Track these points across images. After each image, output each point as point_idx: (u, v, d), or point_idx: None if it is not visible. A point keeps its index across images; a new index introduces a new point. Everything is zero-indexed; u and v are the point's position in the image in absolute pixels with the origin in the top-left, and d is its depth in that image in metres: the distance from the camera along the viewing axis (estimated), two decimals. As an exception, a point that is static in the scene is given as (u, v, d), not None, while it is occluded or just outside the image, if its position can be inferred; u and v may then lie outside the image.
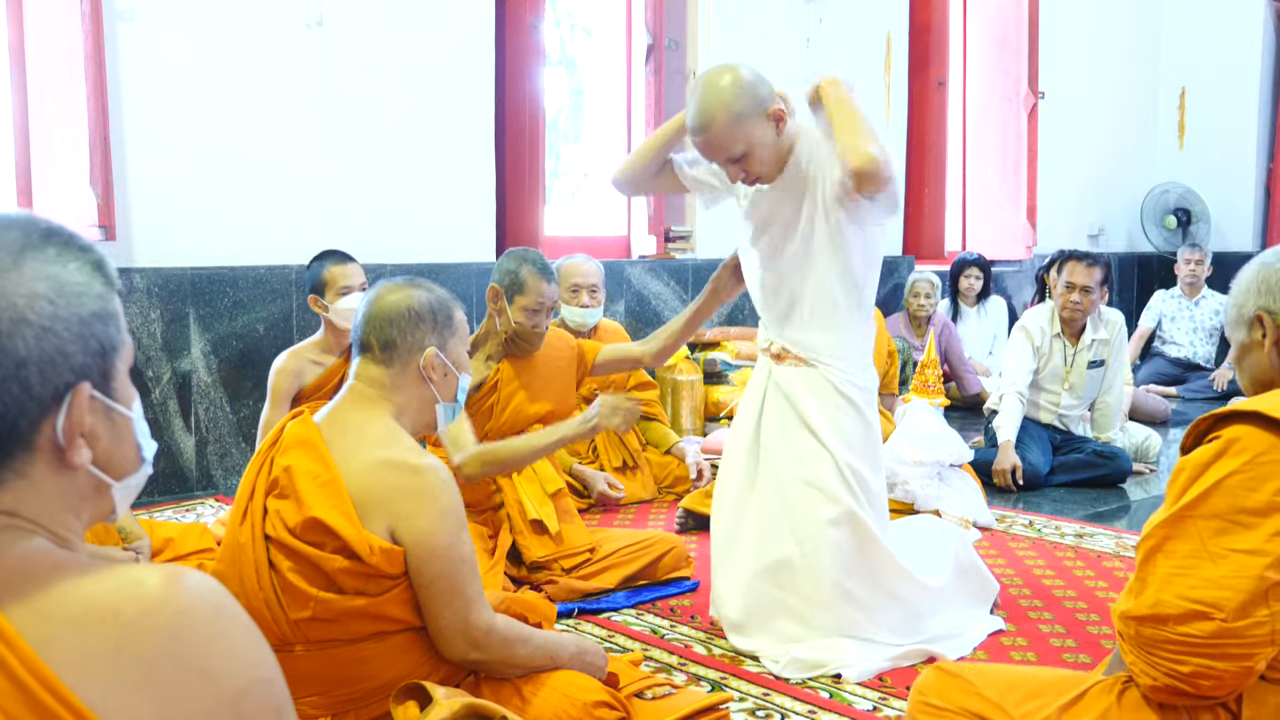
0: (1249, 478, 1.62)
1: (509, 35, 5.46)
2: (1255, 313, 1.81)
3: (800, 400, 2.84)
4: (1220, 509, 1.63)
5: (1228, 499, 1.63)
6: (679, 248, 6.27)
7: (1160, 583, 1.65)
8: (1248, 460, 1.63)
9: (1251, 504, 1.62)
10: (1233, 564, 1.60)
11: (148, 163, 4.44)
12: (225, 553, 2.06)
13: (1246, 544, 1.60)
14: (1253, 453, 1.63)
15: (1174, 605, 1.62)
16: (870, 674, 2.69)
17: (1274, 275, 1.79)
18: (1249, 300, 1.83)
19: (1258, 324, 1.81)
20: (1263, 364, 1.83)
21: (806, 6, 6.65)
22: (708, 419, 5.63)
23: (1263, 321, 1.80)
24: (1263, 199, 8.71)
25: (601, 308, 4.57)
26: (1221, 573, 1.60)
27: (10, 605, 0.86)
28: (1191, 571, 1.63)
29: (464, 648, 2.00)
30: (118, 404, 0.99)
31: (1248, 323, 1.83)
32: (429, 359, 2.07)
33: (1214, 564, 1.62)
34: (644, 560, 3.32)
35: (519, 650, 2.06)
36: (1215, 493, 1.64)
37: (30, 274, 0.92)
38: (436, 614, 1.97)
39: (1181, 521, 1.66)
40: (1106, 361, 4.94)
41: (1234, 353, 1.90)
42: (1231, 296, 1.88)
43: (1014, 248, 7.94)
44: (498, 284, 3.38)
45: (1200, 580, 1.61)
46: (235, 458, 4.65)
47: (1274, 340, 1.80)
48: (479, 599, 2.00)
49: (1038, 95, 7.82)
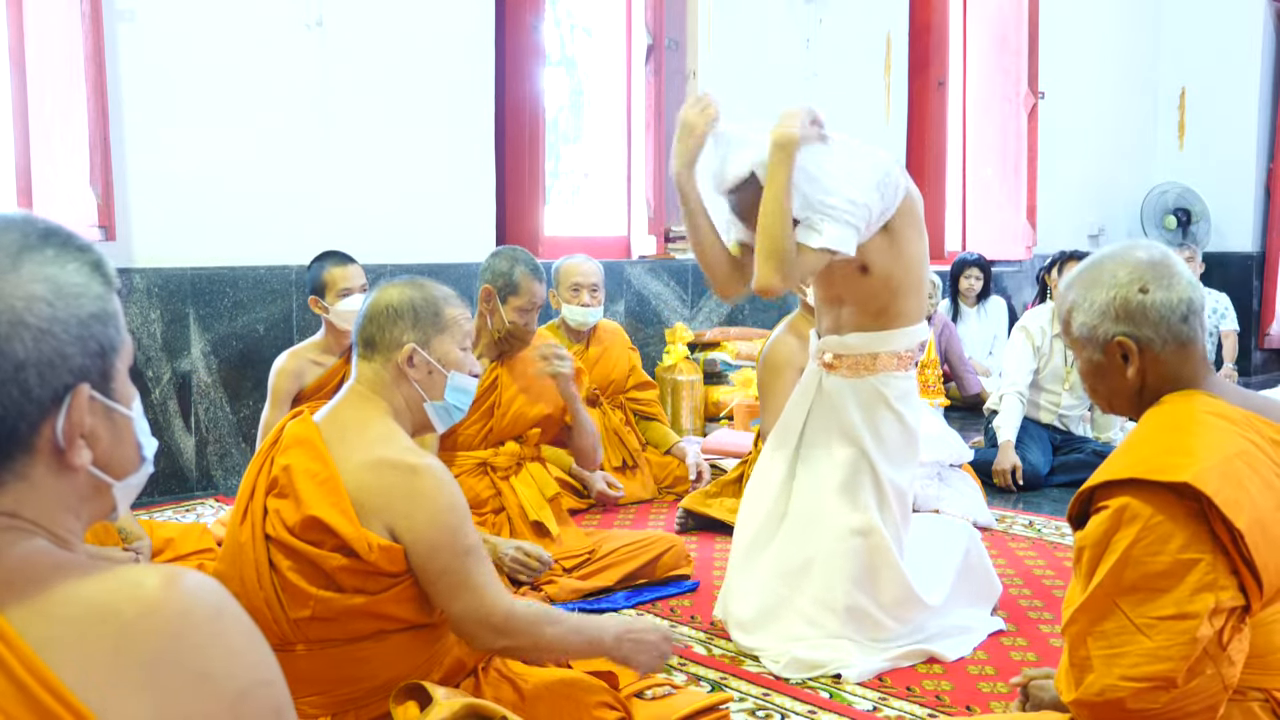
0: (1148, 544, 1.61)
1: (509, 35, 5.46)
2: (1115, 338, 1.78)
3: (847, 410, 2.86)
4: (1133, 580, 1.62)
5: (1137, 570, 1.62)
6: (679, 248, 6.27)
7: (1102, 667, 1.64)
8: (1141, 527, 1.62)
9: (1159, 568, 1.61)
10: (1164, 633, 1.60)
11: (148, 163, 4.44)
12: (226, 552, 2.06)
13: (1169, 609, 1.60)
14: (1144, 519, 1.62)
15: (1124, 688, 1.61)
16: (870, 674, 2.70)
17: (1134, 299, 1.77)
18: (1104, 323, 1.80)
19: (1117, 349, 1.79)
20: (1122, 390, 1.83)
21: (806, 6, 6.65)
22: (708, 419, 5.63)
23: (1125, 348, 1.78)
24: (1263, 199, 8.71)
25: (601, 307, 4.57)
26: (1157, 644, 1.60)
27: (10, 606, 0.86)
28: (1127, 649, 1.62)
29: (488, 636, 1.98)
30: (118, 404, 0.99)
31: (1102, 345, 1.81)
32: (405, 355, 2.05)
33: (1147, 637, 1.61)
34: (643, 559, 3.32)
35: (548, 631, 2.01)
36: (1123, 567, 1.63)
37: (28, 276, 0.91)
38: (449, 607, 1.97)
39: (1101, 602, 1.65)
40: (1106, 361, 4.93)
41: (1081, 366, 1.88)
42: (1070, 304, 1.85)
43: (1014, 248, 7.94)
44: (490, 284, 3.39)
45: (1139, 657, 1.61)
46: (235, 458, 4.65)
47: (1139, 367, 1.79)
48: (491, 586, 1.98)
49: (1038, 95, 7.82)
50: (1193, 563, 1.59)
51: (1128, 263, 1.79)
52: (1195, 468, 1.61)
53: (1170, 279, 1.77)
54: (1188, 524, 1.60)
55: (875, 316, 2.84)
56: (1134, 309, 1.77)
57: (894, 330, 2.85)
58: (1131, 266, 1.78)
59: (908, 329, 2.85)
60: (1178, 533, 1.60)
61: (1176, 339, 1.76)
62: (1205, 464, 1.61)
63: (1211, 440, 1.66)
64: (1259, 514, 1.61)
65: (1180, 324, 1.76)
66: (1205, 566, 1.59)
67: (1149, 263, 1.78)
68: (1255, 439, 1.70)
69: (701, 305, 6.27)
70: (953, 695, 2.60)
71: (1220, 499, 1.59)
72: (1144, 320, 1.76)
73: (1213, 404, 1.74)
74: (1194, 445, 1.65)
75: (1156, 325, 1.76)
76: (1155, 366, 1.78)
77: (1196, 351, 1.79)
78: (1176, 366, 1.78)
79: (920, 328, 2.92)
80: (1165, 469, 1.62)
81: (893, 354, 2.85)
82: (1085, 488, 1.72)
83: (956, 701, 2.56)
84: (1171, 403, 1.77)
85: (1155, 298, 1.76)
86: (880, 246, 2.76)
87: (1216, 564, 1.59)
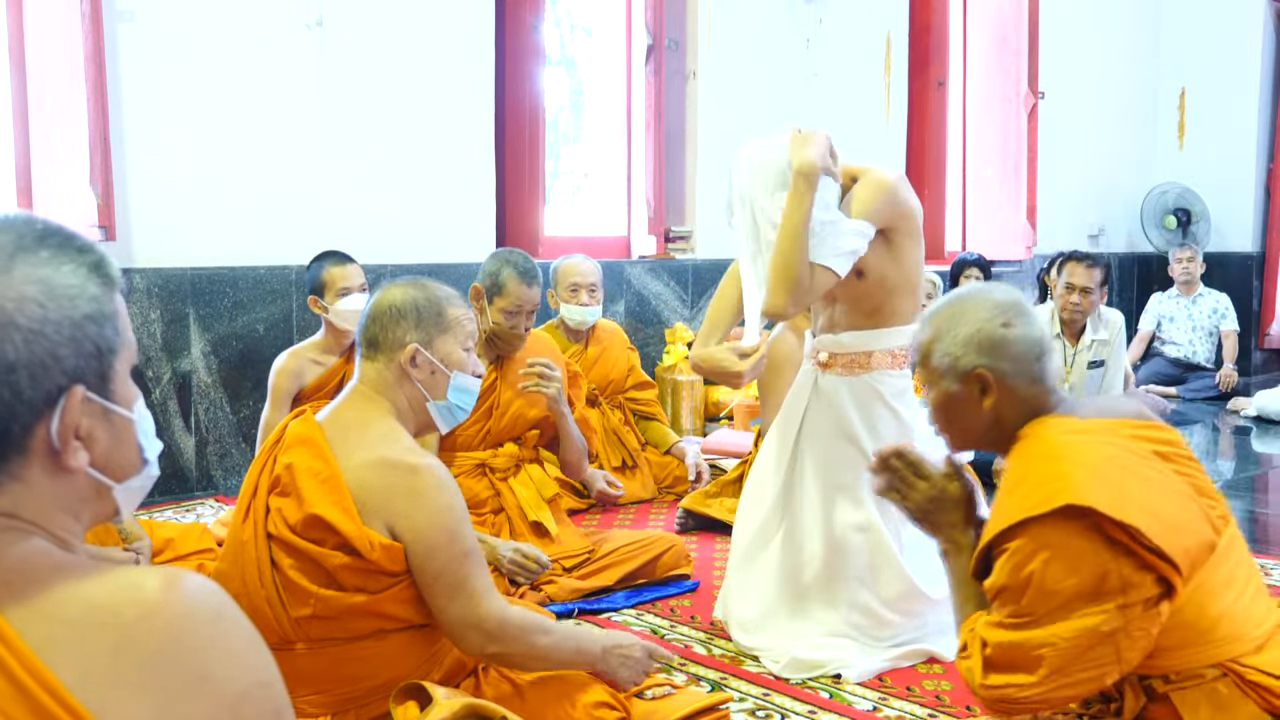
0: (1056, 572, 1.70)
1: (509, 35, 5.46)
2: (976, 369, 1.88)
3: (843, 408, 2.87)
4: (1054, 606, 1.71)
5: (1053, 598, 1.71)
6: (679, 248, 6.27)
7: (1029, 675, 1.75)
8: (1044, 560, 1.71)
9: (1073, 590, 1.70)
10: (1085, 638, 1.70)
11: (148, 163, 4.44)
12: (228, 551, 2.07)
13: (1091, 621, 1.69)
14: (1045, 552, 1.71)
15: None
16: (870, 674, 2.70)
17: (997, 332, 1.87)
18: (966, 354, 1.89)
19: (975, 381, 1.88)
20: (974, 423, 1.93)
21: (806, 6, 6.65)
22: (708, 419, 5.63)
23: (984, 380, 1.88)
24: (1263, 199, 8.70)
25: (600, 307, 4.57)
26: (1071, 646, 1.70)
27: (9, 606, 0.86)
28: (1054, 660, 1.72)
29: (479, 641, 1.98)
30: (116, 405, 0.98)
31: (961, 376, 1.90)
32: (408, 355, 2.06)
33: (1070, 646, 1.71)
34: (643, 558, 3.32)
35: (540, 640, 2.02)
36: (1039, 597, 1.71)
37: (20, 277, 0.91)
38: (443, 609, 1.97)
39: (1026, 629, 1.74)
40: (1106, 362, 4.93)
41: (934, 398, 1.97)
42: (930, 337, 1.94)
43: (1014, 248, 7.93)
44: (479, 284, 3.40)
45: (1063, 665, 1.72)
46: (235, 458, 4.65)
47: (995, 399, 1.88)
48: (487, 592, 1.98)
49: (1038, 95, 7.81)
50: (1103, 575, 1.68)
51: (989, 300, 1.92)
52: (1073, 487, 1.70)
53: (1029, 317, 1.91)
54: (1086, 541, 1.69)
55: (869, 315, 2.86)
56: (996, 341, 1.88)
57: (888, 329, 2.86)
58: (994, 304, 1.91)
59: (901, 328, 2.86)
60: (1080, 553, 1.69)
61: (1029, 376, 1.89)
62: (1080, 480, 1.71)
63: (1078, 457, 1.77)
64: (1146, 505, 1.71)
65: (1034, 362, 1.89)
66: (1114, 575, 1.68)
67: (1010, 301, 1.91)
68: (1115, 441, 1.82)
69: (701, 305, 6.27)
70: (953, 695, 2.60)
71: (1105, 505, 1.68)
72: (1004, 354, 1.88)
73: (1066, 424, 1.86)
74: (1064, 468, 1.75)
75: (1015, 359, 1.88)
76: (1009, 399, 1.89)
77: (1045, 388, 1.91)
78: (1028, 400, 1.90)
79: (915, 327, 2.92)
80: (1047, 499, 1.71)
81: (886, 352, 2.86)
82: (982, 545, 1.83)
83: (956, 701, 2.56)
84: (1030, 436, 1.88)
85: (1017, 332, 1.88)
86: (878, 253, 2.77)
87: (1124, 567, 1.68)
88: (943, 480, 2.03)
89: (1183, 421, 6.51)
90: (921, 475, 2.03)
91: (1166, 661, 1.76)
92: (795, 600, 2.85)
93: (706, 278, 6.12)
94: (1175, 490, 1.79)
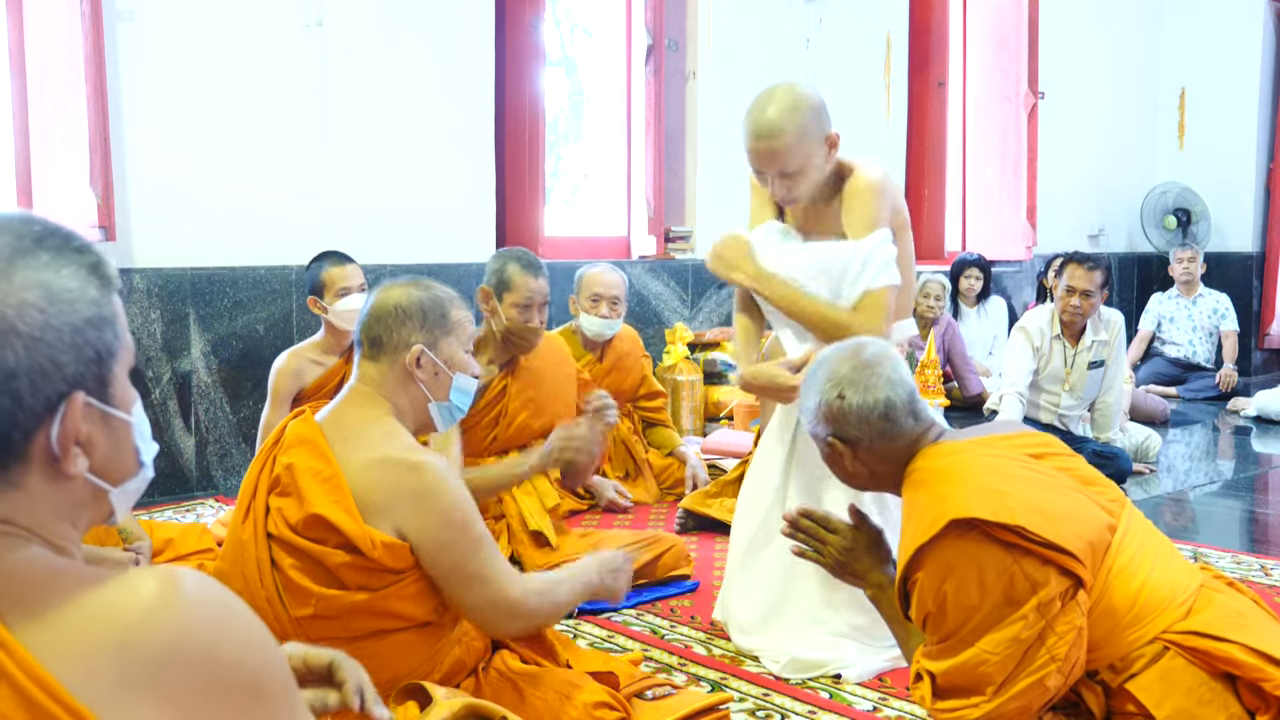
0: (964, 589, 1.77)
1: (509, 35, 5.46)
2: (827, 439, 2.01)
3: None
4: (976, 623, 1.77)
5: (968, 615, 1.77)
6: (679, 248, 6.27)
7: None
8: (947, 581, 1.78)
9: (983, 603, 1.76)
10: (1010, 647, 1.76)
11: (148, 163, 4.44)
12: (228, 551, 2.06)
13: (1012, 630, 1.75)
14: (946, 573, 1.78)
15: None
16: (870, 674, 2.70)
17: (834, 405, 1.97)
18: (816, 425, 2.02)
19: (831, 446, 2.01)
20: (856, 472, 2.04)
21: (806, 6, 6.65)
22: (708, 419, 5.63)
23: (834, 447, 2.00)
24: (1263, 199, 8.71)
25: (620, 320, 4.52)
26: (1004, 657, 1.77)
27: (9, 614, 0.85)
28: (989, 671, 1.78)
29: (504, 622, 2.03)
30: (116, 409, 0.97)
31: (821, 442, 2.03)
32: (413, 357, 2.06)
33: (998, 658, 1.78)
34: (643, 559, 3.32)
35: (558, 597, 2.09)
36: (957, 615, 1.78)
37: (20, 282, 0.89)
38: (463, 600, 1.99)
39: (954, 649, 1.80)
40: (1106, 362, 4.93)
41: (820, 449, 2.08)
42: (807, 395, 2.05)
43: (1014, 248, 7.93)
44: (486, 285, 3.39)
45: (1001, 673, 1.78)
46: (235, 458, 4.65)
47: (859, 457, 2.00)
48: (504, 575, 2.00)
49: (1038, 95, 7.81)
50: (1009, 579, 1.74)
51: (827, 372, 2.00)
52: (954, 503, 1.78)
53: (867, 383, 1.96)
54: (982, 551, 1.75)
55: None
56: (835, 414, 1.98)
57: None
58: (829, 376, 1.99)
59: (896, 323, 2.86)
60: (980, 564, 1.75)
61: (881, 435, 1.96)
62: (959, 496, 1.79)
63: (955, 477, 1.85)
64: (1030, 504, 1.77)
65: (881, 421, 1.96)
66: (1019, 576, 1.74)
67: (850, 369, 1.98)
68: (992, 452, 1.90)
69: (701, 305, 6.27)
70: (952, 695, 2.60)
71: (987, 513, 1.75)
72: (846, 423, 1.97)
73: (943, 449, 1.94)
74: (943, 490, 1.83)
75: (858, 426, 1.96)
76: (870, 456, 1.99)
77: (906, 434, 1.98)
78: (895, 448, 1.98)
79: (906, 324, 2.94)
80: (934, 522, 1.79)
81: None
82: (897, 583, 1.91)
83: (956, 702, 2.56)
84: (913, 470, 1.96)
85: (852, 403, 1.96)
86: None
87: (1026, 567, 1.74)
88: (850, 530, 2.11)
89: (1183, 422, 6.51)
90: (831, 529, 2.12)
91: (1104, 652, 1.80)
92: (795, 600, 2.84)
93: (706, 278, 6.12)
94: (1059, 484, 1.84)
